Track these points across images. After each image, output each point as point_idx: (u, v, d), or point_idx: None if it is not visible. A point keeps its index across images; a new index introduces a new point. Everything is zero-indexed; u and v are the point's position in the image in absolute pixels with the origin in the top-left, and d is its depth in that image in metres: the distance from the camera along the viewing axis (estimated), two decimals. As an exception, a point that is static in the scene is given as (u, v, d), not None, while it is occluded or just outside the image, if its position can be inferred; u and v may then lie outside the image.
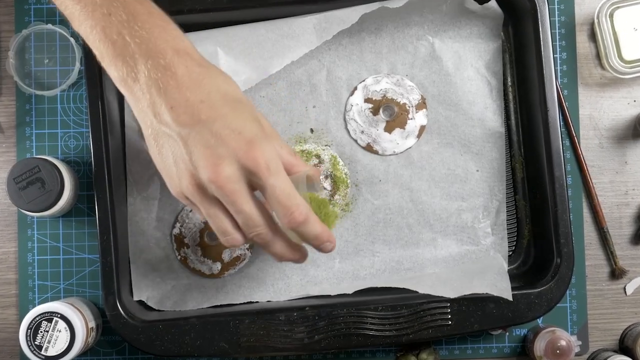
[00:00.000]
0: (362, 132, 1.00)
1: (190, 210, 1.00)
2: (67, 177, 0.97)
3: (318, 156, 1.00)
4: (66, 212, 1.01)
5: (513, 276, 0.98)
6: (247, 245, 0.99)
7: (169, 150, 0.80)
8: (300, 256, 0.87)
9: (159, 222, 1.00)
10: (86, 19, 0.79)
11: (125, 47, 0.78)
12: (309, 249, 0.87)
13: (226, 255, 0.99)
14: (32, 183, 0.95)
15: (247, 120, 0.79)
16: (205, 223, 0.99)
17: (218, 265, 0.99)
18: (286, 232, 0.84)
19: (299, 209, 0.80)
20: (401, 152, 1.00)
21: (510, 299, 0.93)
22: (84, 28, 0.80)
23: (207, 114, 0.78)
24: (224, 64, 0.96)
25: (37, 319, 0.94)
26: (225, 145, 0.77)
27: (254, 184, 0.80)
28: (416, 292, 0.94)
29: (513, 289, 0.94)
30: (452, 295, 0.92)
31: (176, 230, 1.00)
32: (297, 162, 0.86)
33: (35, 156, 0.96)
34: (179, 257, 1.00)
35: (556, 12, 1.05)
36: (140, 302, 0.99)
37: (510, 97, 1.02)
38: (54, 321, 0.94)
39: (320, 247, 0.85)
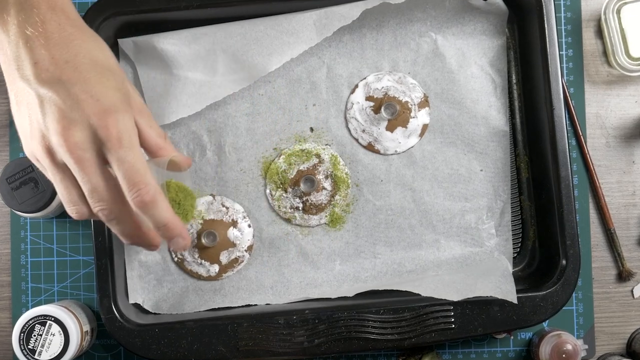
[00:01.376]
0: (363, 130, 1.00)
1: (187, 211, 1.00)
2: None
3: (318, 155, 0.99)
4: (60, 212, 1.01)
5: (518, 278, 0.98)
6: (245, 247, 0.99)
7: (26, 108, 0.78)
8: (149, 242, 0.83)
9: (154, 223, 1.00)
10: None
11: (3, 2, 0.76)
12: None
13: (224, 257, 0.99)
14: (25, 183, 0.95)
15: (109, 89, 0.77)
16: (203, 224, 0.99)
17: (215, 268, 0.99)
18: (138, 214, 0.80)
19: (147, 188, 0.77)
20: (403, 152, 1.00)
21: (515, 301, 0.92)
22: None
23: (69, 75, 0.75)
24: (222, 62, 0.96)
25: (31, 322, 0.94)
26: (79, 110, 0.75)
27: (105, 155, 0.77)
28: (418, 294, 0.94)
29: (518, 291, 0.94)
30: (456, 298, 0.92)
31: (173, 232, 1.00)
32: (166, 146, 0.84)
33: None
34: (175, 259, 1.00)
35: (562, 8, 1.05)
36: (136, 305, 0.99)
37: (515, 95, 1.02)
38: (47, 325, 0.94)
39: (170, 241, 0.82)
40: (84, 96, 0.75)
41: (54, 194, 0.95)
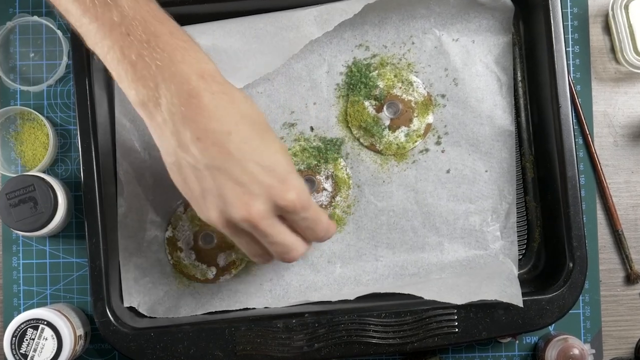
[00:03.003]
0: (365, 130, 1.00)
1: (184, 213, 0.99)
2: (61, 199, 0.96)
3: (318, 155, 0.99)
4: (54, 234, 1.02)
5: (523, 281, 0.98)
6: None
7: (195, 182, 0.80)
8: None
9: (150, 224, 1.00)
10: (103, 38, 0.79)
11: (145, 69, 0.77)
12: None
13: (221, 260, 0.99)
14: (24, 202, 0.95)
15: (278, 154, 0.80)
16: (200, 226, 0.99)
17: (213, 270, 0.99)
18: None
19: (328, 229, 0.86)
20: (406, 152, 1.00)
21: (521, 305, 0.92)
22: (100, 47, 0.79)
23: (237, 148, 0.78)
24: (221, 60, 0.96)
25: (23, 326, 0.94)
26: (258, 183, 0.79)
27: (284, 215, 0.82)
28: (421, 298, 0.94)
29: (523, 294, 0.94)
30: (460, 301, 0.92)
31: (169, 233, 1.00)
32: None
33: (31, 173, 0.96)
34: (171, 261, 1.00)
35: (568, 4, 1.05)
36: (131, 309, 0.98)
37: (520, 93, 1.01)
38: (40, 328, 0.94)
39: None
40: (258, 169, 0.79)
41: (51, 216, 0.95)
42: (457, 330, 0.94)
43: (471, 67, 1.00)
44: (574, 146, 0.95)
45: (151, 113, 0.79)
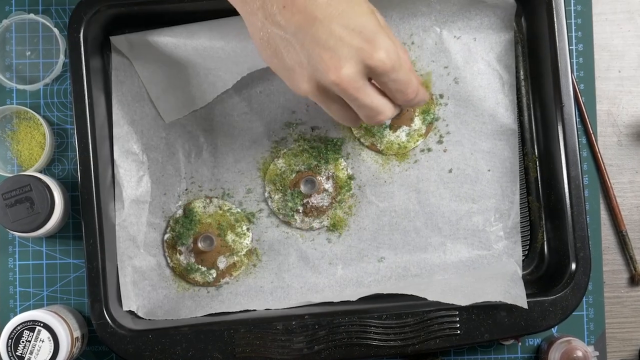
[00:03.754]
0: (366, 130, 0.99)
1: (183, 214, 0.99)
2: (58, 200, 0.96)
3: (319, 156, 0.99)
4: (50, 235, 1.01)
5: (526, 283, 0.98)
6: (243, 252, 0.99)
7: (285, 53, 0.80)
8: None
9: (149, 227, 1.00)
10: None
11: None
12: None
13: (221, 263, 0.99)
14: (20, 202, 0.94)
15: (365, 15, 0.80)
16: (199, 228, 0.99)
17: (213, 273, 0.99)
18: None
19: (419, 92, 0.85)
20: (407, 152, 1.00)
21: (526, 306, 0.92)
22: None
23: (323, 12, 0.78)
24: (219, 57, 0.96)
25: (19, 328, 0.93)
26: (347, 46, 0.78)
27: (374, 77, 0.81)
28: (424, 299, 0.94)
29: (526, 296, 0.94)
30: (463, 302, 0.92)
31: (168, 236, 1.00)
32: (407, 57, 0.86)
33: (28, 173, 0.96)
34: (171, 264, 1.00)
35: (572, 1, 1.04)
36: (129, 311, 0.98)
37: (523, 91, 1.01)
38: (36, 330, 0.93)
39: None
40: (346, 32, 0.78)
41: (48, 217, 0.95)
42: (459, 332, 0.94)
43: (473, 65, 1.00)
44: (577, 146, 0.95)
45: None
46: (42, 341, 0.93)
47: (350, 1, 0.79)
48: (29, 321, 0.93)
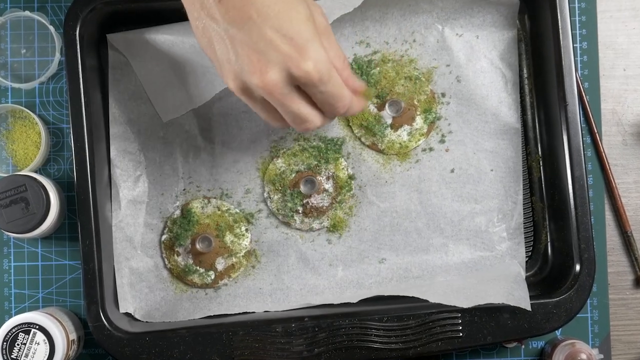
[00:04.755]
0: (367, 129, 0.99)
1: (181, 215, 0.99)
2: (53, 200, 0.96)
3: (319, 156, 0.99)
4: (46, 236, 1.01)
5: (529, 284, 0.98)
6: (242, 253, 0.99)
7: (217, 46, 0.80)
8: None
9: (146, 227, 1.00)
10: None
11: None
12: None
13: (220, 264, 0.99)
14: (15, 202, 0.94)
15: (300, 22, 0.78)
16: (197, 229, 0.99)
17: (211, 275, 0.99)
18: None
19: (346, 105, 0.84)
20: (409, 151, 1.00)
21: (529, 309, 0.92)
22: None
23: (258, 12, 0.77)
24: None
25: (14, 330, 0.93)
26: (275, 51, 0.77)
27: (301, 87, 0.81)
28: (425, 301, 0.94)
29: (529, 298, 0.94)
30: (466, 305, 0.92)
31: (165, 237, 1.00)
32: (344, 67, 0.86)
33: (23, 173, 0.96)
34: (168, 265, 1.00)
35: (576, -1, 1.05)
36: (126, 313, 0.98)
37: (527, 90, 1.01)
38: (31, 333, 0.93)
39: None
40: (277, 36, 0.77)
41: (43, 218, 0.95)
42: (461, 334, 0.94)
43: (475, 63, 1.00)
44: (581, 145, 0.95)
45: None
46: (38, 344, 0.93)
47: (288, 4, 0.78)
48: (24, 323, 0.93)
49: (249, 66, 0.78)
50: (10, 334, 0.93)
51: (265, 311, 0.99)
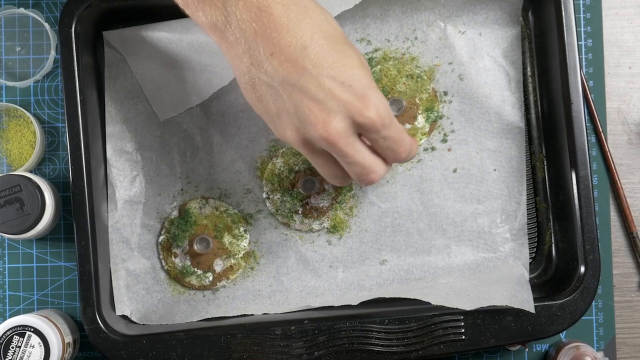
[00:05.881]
0: (367, 127, 0.99)
1: (178, 216, 0.99)
2: (48, 200, 0.96)
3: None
4: (42, 237, 1.01)
5: (533, 286, 0.98)
6: (240, 254, 0.99)
7: (270, 100, 0.80)
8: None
9: (143, 228, 1.00)
10: None
11: None
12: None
13: (218, 265, 0.99)
14: (10, 203, 0.94)
15: (355, 69, 0.79)
16: (195, 230, 0.99)
17: (209, 276, 0.99)
18: None
19: (411, 150, 0.85)
20: (410, 150, 1.00)
21: (533, 311, 0.92)
22: None
23: (312, 63, 0.77)
24: (216, 53, 0.96)
25: (8, 333, 0.93)
26: (335, 100, 0.78)
27: (364, 134, 0.81)
28: (427, 303, 0.94)
29: (533, 300, 0.94)
30: (469, 307, 0.92)
31: (163, 238, 1.00)
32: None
33: (18, 173, 0.96)
34: (166, 267, 1.00)
35: (581, -5, 1.05)
36: (123, 315, 0.98)
37: (530, 88, 1.01)
38: (26, 336, 0.93)
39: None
40: (336, 85, 0.78)
41: (38, 218, 0.95)
42: (464, 337, 0.94)
43: (478, 61, 1.00)
44: (586, 144, 0.95)
45: (222, 33, 0.79)
46: (33, 347, 0.93)
47: (341, 53, 0.79)
48: (19, 326, 0.93)
49: (311, 117, 0.78)
50: (4, 336, 0.93)
51: (264, 313, 0.99)
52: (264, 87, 0.79)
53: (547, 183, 1.01)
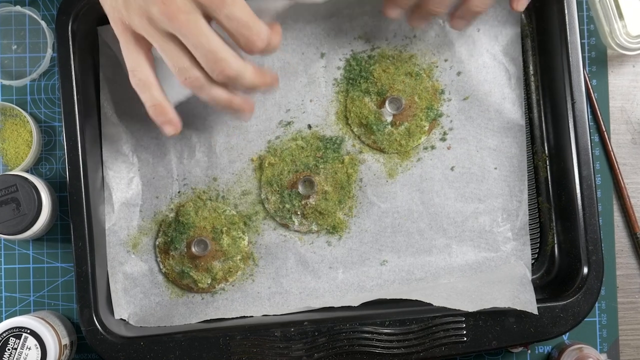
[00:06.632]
0: (366, 127, 1.00)
1: (176, 218, 1.00)
2: (45, 201, 0.97)
3: (317, 155, 0.99)
4: (38, 237, 1.02)
5: (535, 287, 0.98)
6: (239, 256, 0.99)
7: None
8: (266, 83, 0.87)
9: (140, 231, 1.00)
10: None
11: None
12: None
13: (216, 268, 0.99)
14: (6, 203, 0.95)
15: None
16: (193, 232, 0.99)
17: (208, 279, 0.99)
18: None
19: (260, 36, 0.81)
20: (410, 150, 1.00)
21: (536, 312, 0.92)
22: None
23: None
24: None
25: (5, 335, 0.94)
26: None
27: (209, 15, 0.79)
28: (429, 304, 0.94)
29: (536, 301, 0.94)
30: (471, 308, 0.92)
31: (160, 240, 1.00)
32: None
33: (14, 172, 0.97)
34: (163, 269, 1.00)
35: (583, -7, 1.05)
36: (120, 318, 0.98)
37: (533, 87, 1.02)
38: (23, 337, 0.94)
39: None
40: None
41: (35, 218, 0.95)
42: (465, 339, 0.94)
43: (477, 58, 1.00)
44: (589, 144, 0.95)
45: None
46: (29, 349, 0.94)
47: None
48: (15, 328, 0.94)
49: None
50: (0, 338, 0.94)
51: (263, 315, 0.99)
52: None
53: (549, 183, 1.01)
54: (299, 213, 0.99)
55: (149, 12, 0.79)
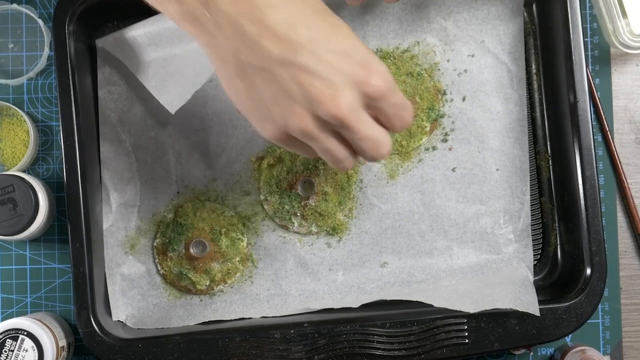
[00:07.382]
0: (367, 126, 1.00)
1: (174, 219, 1.00)
2: (42, 201, 0.97)
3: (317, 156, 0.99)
4: (35, 238, 1.02)
5: (538, 289, 0.98)
6: (238, 258, 0.99)
7: (265, 88, 0.76)
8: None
9: (137, 232, 1.00)
10: None
11: None
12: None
13: (215, 269, 0.99)
14: (2, 203, 0.95)
15: (350, 38, 0.77)
16: (192, 233, 0.99)
17: (206, 280, 0.99)
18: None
19: (410, 112, 0.81)
20: (410, 150, 1.00)
21: (538, 314, 0.92)
22: None
23: (307, 38, 0.74)
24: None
25: (1, 337, 0.94)
26: (339, 72, 0.75)
27: (371, 104, 0.78)
28: (430, 306, 0.94)
29: (538, 303, 0.94)
30: (472, 309, 0.92)
31: (158, 241, 1.00)
32: None
33: (11, 172, 0.97)
34: (161, 271, 1.00)
35: (586, -9, 1.05)
36: (118, 320, 0.98)
37: (535, 86, 1.02)
38: (19, 339, 0.94)
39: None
40: (335, 57, 0.75)
41: (32, 218, 0.95)
42: (467, 341, 0.94)
43: (479, 59, 1.00)
44: (592, 144, 0.95)
45: (200, 22, 0.76)
46: (26, 350, 0.94)
47: (331, 23, 0.76)
48: (12, 329, 0.94)
49: (317, 95, 0.75)
50: (-3, 340, 0.94)
51: (263, 316, 0.99)
52: (257, 73, 0.76)
53: (552, 183, 1.01)
54: (298, 214, 0.99)
55: (316, 112, 0.76)
